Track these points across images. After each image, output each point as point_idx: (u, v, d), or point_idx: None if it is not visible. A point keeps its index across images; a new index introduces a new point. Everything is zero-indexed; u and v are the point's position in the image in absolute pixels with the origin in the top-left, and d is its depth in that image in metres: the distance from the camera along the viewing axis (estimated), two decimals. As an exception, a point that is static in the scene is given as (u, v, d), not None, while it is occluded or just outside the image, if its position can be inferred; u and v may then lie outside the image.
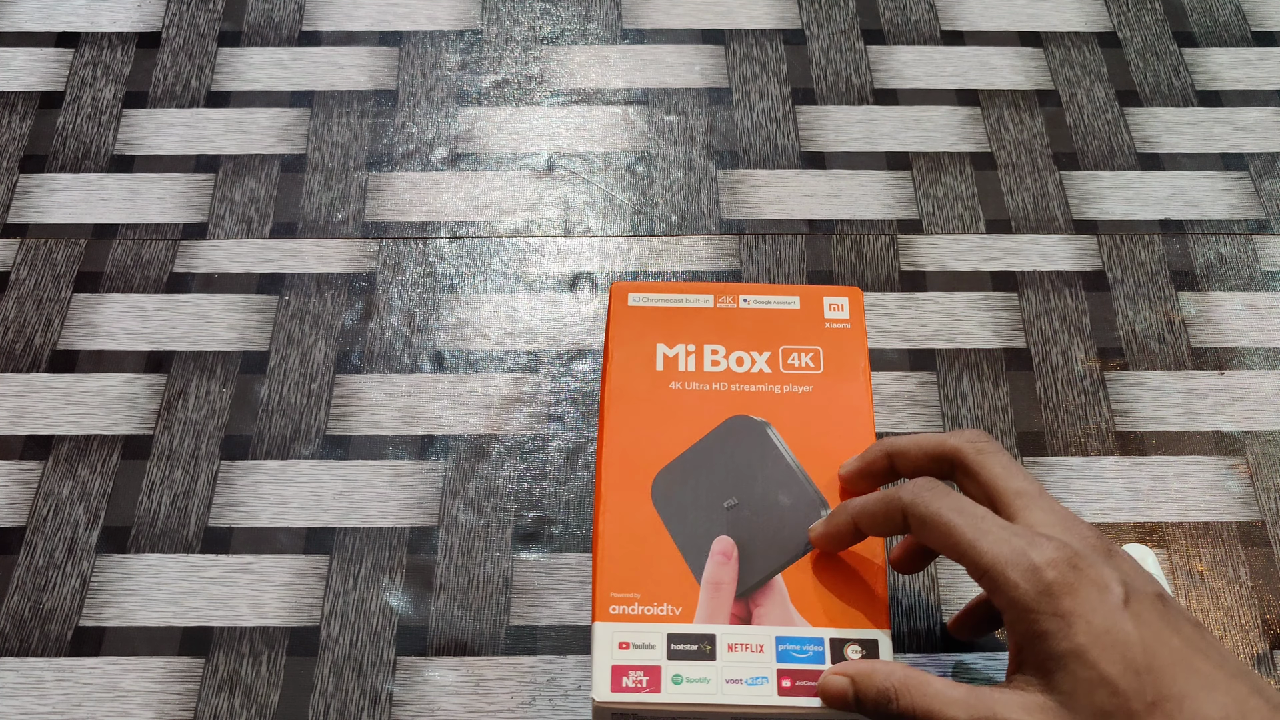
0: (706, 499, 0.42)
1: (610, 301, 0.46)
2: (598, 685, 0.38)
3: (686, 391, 0.44)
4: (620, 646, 0.39)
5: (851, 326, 0.46)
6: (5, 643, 0.46)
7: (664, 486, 0.42)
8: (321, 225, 0.57)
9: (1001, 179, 0.59)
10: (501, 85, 0.62)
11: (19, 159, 0.58)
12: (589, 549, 0.48)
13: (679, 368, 0.45)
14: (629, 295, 0.46)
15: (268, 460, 0.50)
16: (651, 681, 0.39)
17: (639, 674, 0.39)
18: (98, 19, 0.64)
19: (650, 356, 0.45)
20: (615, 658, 0.39)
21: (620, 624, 0.40)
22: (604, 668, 0.39)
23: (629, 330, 0.46)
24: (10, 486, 0.49)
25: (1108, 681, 0.31)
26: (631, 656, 0.39)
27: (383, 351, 0.53)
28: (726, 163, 0.59)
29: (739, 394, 0.44)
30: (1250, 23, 0.65)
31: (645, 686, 0.38)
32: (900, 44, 0.64)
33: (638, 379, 0.44)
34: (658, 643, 0.39)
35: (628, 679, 0.39)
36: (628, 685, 0.38)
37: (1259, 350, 0.54)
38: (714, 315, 0.46)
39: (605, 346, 0.46)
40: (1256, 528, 0.49)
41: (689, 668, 0.39)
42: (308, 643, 0.46)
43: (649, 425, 0.43)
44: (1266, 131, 0.61)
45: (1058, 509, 0.35)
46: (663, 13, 0.64)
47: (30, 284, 0.55)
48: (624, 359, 0.45)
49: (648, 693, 0.38)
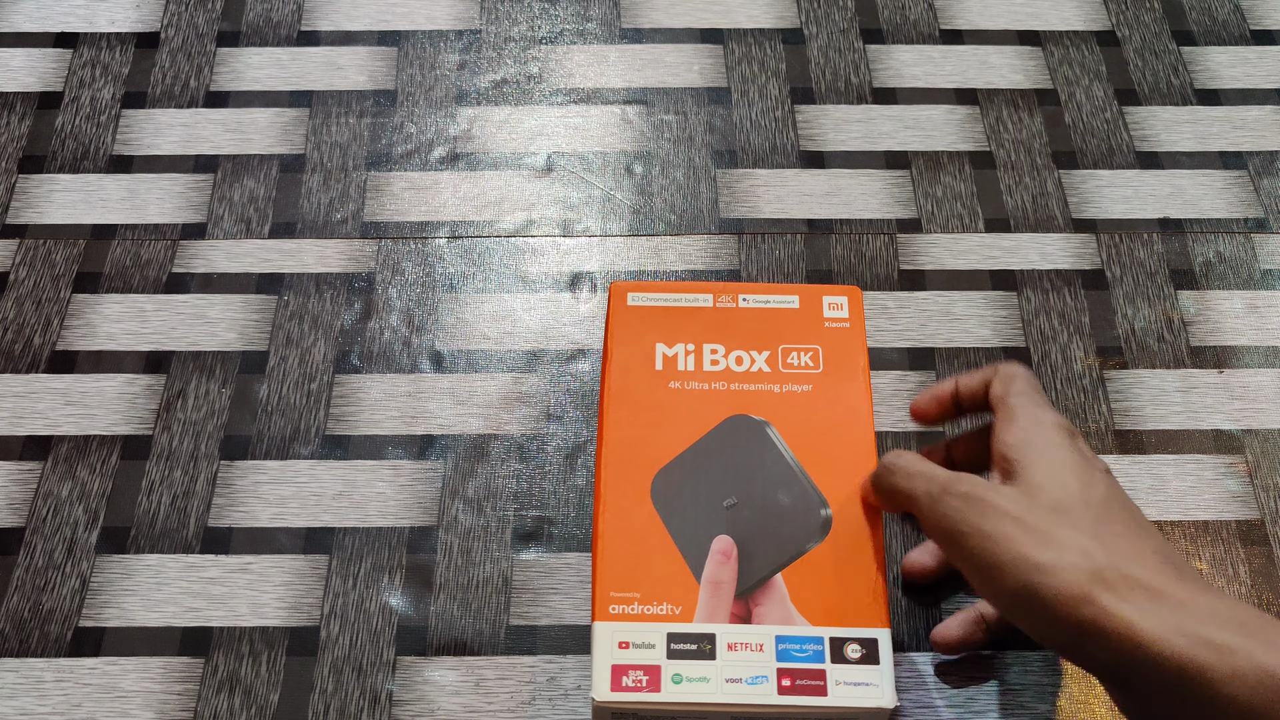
0: (706, 498, 0.42)
1: (609, 301, 0.46)
2: (597, 685, 0.38)
3: (686, 391, 0.44)
4: (620, 646, 0.39)
5: (851, 326, 0.46)
6: (5, 643, 0.46)
7: (663, 486, 0.42)
8: (320, 225, 0.57)
9: (1000, 178, 0.59)
10: (500, 85, 0.62)
11: (18, 159, 0.58)
12: (589, 548, 0.48)
13: (678, 367, 0.45)
14: (628, 295, 0.46)
15: (267, 460, 0.50)
16: (651, 681, 0.39)
17: (639, 673, 0.39)
18: (96, 19, 0.64)
19: (650, 356, 0.45)
20: (615, 657, 0.39)
21: (620, 623, 0.40)
22: (604, 667, 0.39)
23: (628, 330, 0.46)
24: (10, 487, 0.49)
25: (1068, 487, 0.36)
26: (631, 656, 0.39)
27: (382, 351, 0.53)
28: (725, 162, 0.59)
29: (738, 393, 0.44)
30: (1249, 21, 0.65)
31: (645, 686, 0.38)
32: (899, 43, 0.64)
33: (637, 378, 0.44)
34: (657, 642, 0.39)
35: (627, 678, 0.39)
36: (627, 685, 0.38)
37: (1258, 349, 0.54)
38: (713, 315, 0.46)
39: (605, 346, 0.46)
40: (1256, 526, 0.49)
41: (689, 667, 0.39)
42: (307, 643, 0.46)
43: (648, 425, 0.43)
44: (1265, 130, 0.61)
45: (1066, 426, 0.40)
46: (661, 12, 0.64)
47: (29, 284, 0.54)
48: (624, 359, 0.45)
49: (647, 692, 0.38)
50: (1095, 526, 0.35)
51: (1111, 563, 0.34)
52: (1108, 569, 0.34)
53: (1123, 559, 0.34)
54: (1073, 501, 0.36)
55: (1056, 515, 0.35)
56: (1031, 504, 0.36)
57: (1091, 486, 0.37)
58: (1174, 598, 0.33)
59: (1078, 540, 0.35)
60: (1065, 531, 0.35)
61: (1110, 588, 0.33)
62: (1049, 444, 0.38)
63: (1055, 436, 0.38)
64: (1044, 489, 0.36)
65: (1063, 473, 0.37)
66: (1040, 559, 0.34)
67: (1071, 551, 0.34)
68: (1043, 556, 0.34)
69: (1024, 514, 0.36)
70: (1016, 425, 0.39)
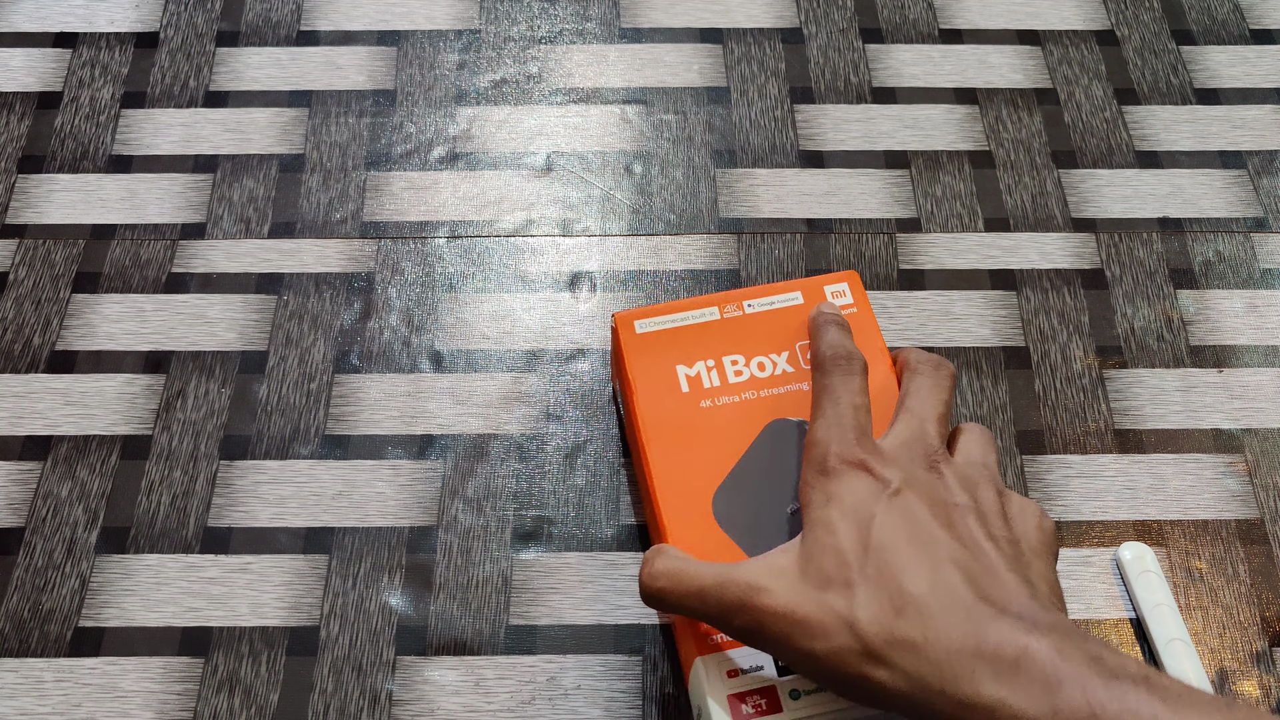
0: (769, 507, 0.41)
1: (616, 333, 0.45)
2: (719, 719, 0.37)
3: (718, 407, 0.43)
4: (729, 675, 0.38)
5: (858, 310, 0.46)
6: (5, 643, 0.46)
7: (724, 504, 0.41)
8: (320, 225, 0.57)
9: (1000, 177, 0.59)
10: (500, 85, 0.62)
11: (17, 159, 0.58)
12: (589, 548, 0.48)
13: (704, 385, 0.44)
14: (635, 324, 0.45)
15: (267, 460, 0.50)
16: (771, 702, 0.38)
17: (756, 698, 0.38)
18: (95, 19, 0.64)
19: (673, 380, 0.44)
20: (729, 687, 0.38)
21: (723, 653, 0.39)
22: (720, 700, 0.38)
23: (644, 358, 0.45)
24: (9, 487, 0.49)
25: (839, 550, 0.35)
26: (743, 683, 0.38)
27: (382, 351, 0.53)
28: (725, 162, 0.59)
29: (769, 399, 0.44)
30: (1248, 20, 0.65)
31: (766, 709, 0.37)
32: (898, 42, 0.64)
33: (667, 405, 0.43)
34: (765, 662, 0.38)
35: (746, 706, 0.38)
36: (748, 712, 0.37)
37: (1258, 348, 0.54)
38: (723, 326, 0.45)
39: (623, 380, 0.45)
40: (1255, 525, 0.49)
41: (802, 680, 0.38)
42: (307, 643, 0.46)
43: (691, 448, 0.42)
44: (1265, 129, 0.61)
45: (914, 427, 0.39)
46: (661, 12, 0.64)
47: (29, 284, 0.54)
48: (648, 388, 0.44)
49: (771, 714, 0.37)
50: (865, 584, 0.34)
51: (874, 627, 0.33)
52: (872, 636, 0.33)
53: (885, 614, 0.33)
54: (840, 567, 0.34)
55: (823, 590, 0.34)
56: (801, 586, 0.35)
57: (865, 534, 0.35)
58: (935, 644, 0.32)
59: (843, 613, 0.34)
60: (830, 605, 0.34)
61: (877, 659, 0.33)
62: (825, 496, 0.36)
63: (836, 474, 0.37)
64: (811, 561, 0.35)
65: (834, 533, 0.35)
66: (816, 649, 0.34)
67: (838, 632, 0.33)
68: (817, 646, 0.34)
69: (793, 606, 0.34)
70: (805, 460, 0.38)
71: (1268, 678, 0.46)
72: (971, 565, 0.34)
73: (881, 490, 0.36)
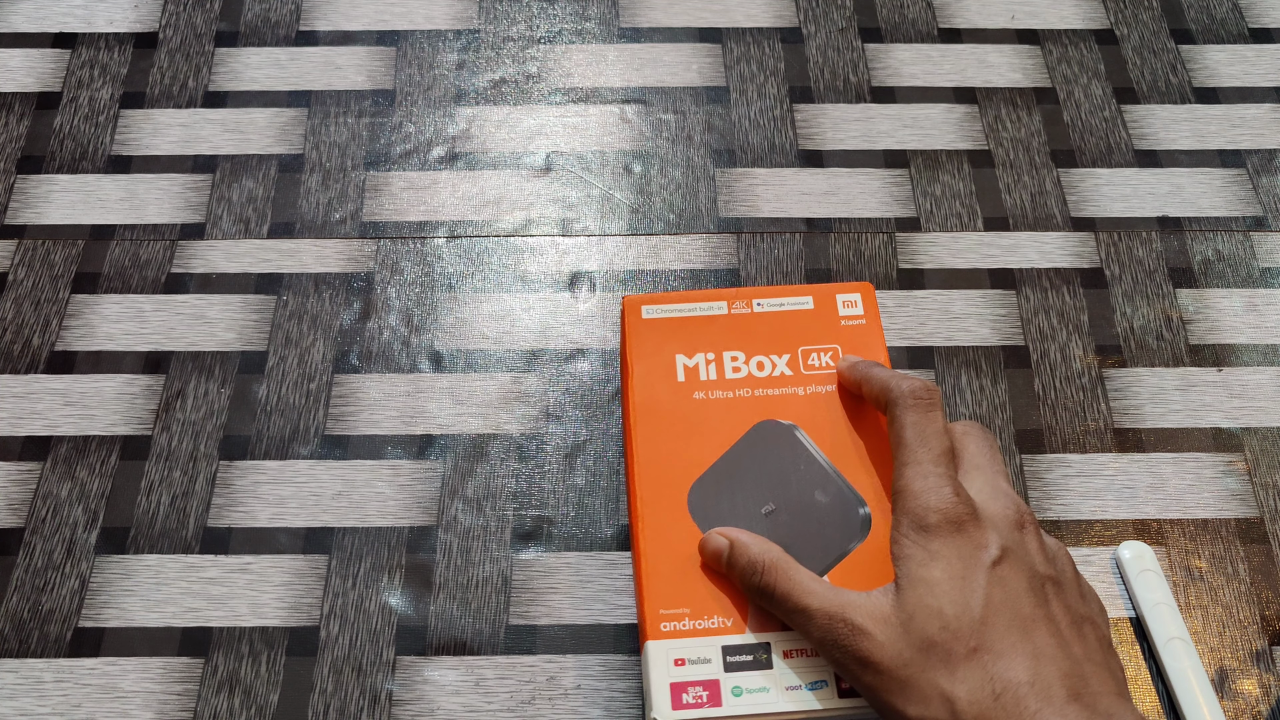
0: (744, 506, 0.41)
1: (623, 316, 0.46)
2: (659, 705, 0.38)
3: (711, 400, 0.44)
4: (676, 663, 0.38)
5: (867, 322, 0.46)
6: (5, 644, 0.46)
7: (699, 498, 0.42)
8: (319, 225, 0.57)
9: (999, 176, 0.59)
10: (499, 85, 0.62)
11: (16, 160, 0.58)
12: (588, 548, 0.48)
13: (700, 377, 0.44)
14: (642, 308, 0.46)
15: (266, 460, 0.50)
16: (712, 696, 0.38)
17: (698, 689, 0.38)
18: (94, 19, 0.64)
19: (670, 368, 0.44)
20: (672, 675, 0.38)
21: (673, 641, 0.39)
22: (663, 687, 0.38)
23: (646, 344, 0.45)
24: (9, 487, 0.49)
25: (943, 617, 0.35)
26: (688, 672, 0.38)
27: (381, 351, 0.53)
28: (724, 161, 0.59)
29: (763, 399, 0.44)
30: (1247, 19, 0.65)
31: (706, 701, 0.38)
32: (897, 42, 0.64)
33: (661, 392, 0.44)
34: (713, 656, 0.39)
35: (687, 695, 0.38)
36: (688, 702, 0.38)
37: (1257, 347, 0.54)
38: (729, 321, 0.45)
39: (623, 362, 0.45)
40: (1255, 524, 0.49)
41: (747, 678, 0.38)
42: (307, 643, 0.46)
43: (678, 437, 0.43)
44: (1264, 128, 0.61)
45: (994, 484, 0.39)
46: (660, 11, 0.64)
47: (28, 285, 0.54)
48: (645, 373, 0.44)
49: (709, 707, 0.38)
50: (967, 659, 0.34)
51: (972, 710, 0.34)
52: (969, 717, 0.34)
53: (983, 697, 0.34)
54: (944, 633, 0.35)
55: (925, 656, 0.35)
56: (903, 644, 0.35)
57: (969, 603, 0.35)
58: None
59: (943, 687, 0.34)
60: (932, 675, 0.35)
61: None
62: (928, 554, 0.36)
63: (939, 531, 0.37)
64: (914, 619, 0.35)
65: (937, 595, 0.36)
66: (910, 713, 0.34)
67: (935, 702, 0.34)
68: (911, 711, 0.34)
69: (895, 666, 0.35)
70: (901, 510, 0.38)
71: (1267, 676, 0.46)
72: (1064, 661, 0.35)
73: (982, 554, 0.36)
